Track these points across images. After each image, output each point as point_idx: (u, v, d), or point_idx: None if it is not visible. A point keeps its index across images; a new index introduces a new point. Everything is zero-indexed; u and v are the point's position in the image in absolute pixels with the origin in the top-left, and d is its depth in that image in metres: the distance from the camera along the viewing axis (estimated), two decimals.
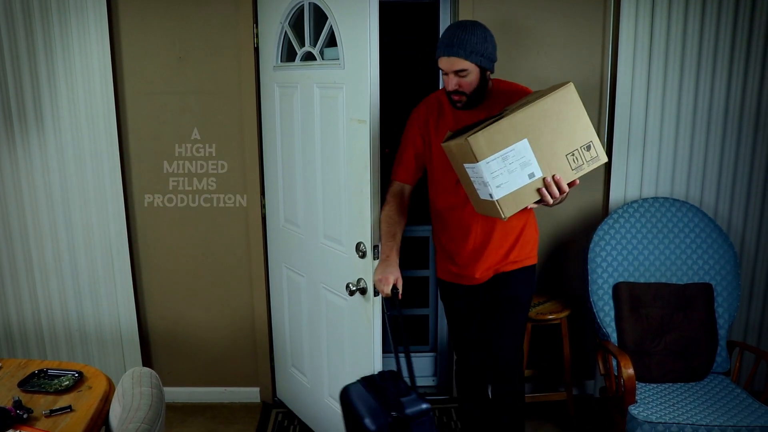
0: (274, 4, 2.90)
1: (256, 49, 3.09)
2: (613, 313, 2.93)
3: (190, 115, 3.18)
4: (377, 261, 2.46)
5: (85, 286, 3.28)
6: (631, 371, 2.59)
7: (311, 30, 2.74)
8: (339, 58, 2.52)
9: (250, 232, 3.30)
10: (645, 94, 3.10)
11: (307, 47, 2.77)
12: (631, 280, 2.98)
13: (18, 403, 1.96)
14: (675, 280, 2.97)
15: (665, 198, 3.08)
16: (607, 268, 2.97)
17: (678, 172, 3.18)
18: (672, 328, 2.89)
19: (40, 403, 2.04)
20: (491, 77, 2.38)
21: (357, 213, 2.55)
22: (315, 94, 2.71)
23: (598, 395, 3.36)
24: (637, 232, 3.02)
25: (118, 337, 3.33)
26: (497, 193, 2.02)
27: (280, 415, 3.39)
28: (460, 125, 2.34)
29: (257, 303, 3.37)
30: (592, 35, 3.11)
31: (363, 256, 2.54)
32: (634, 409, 2.58)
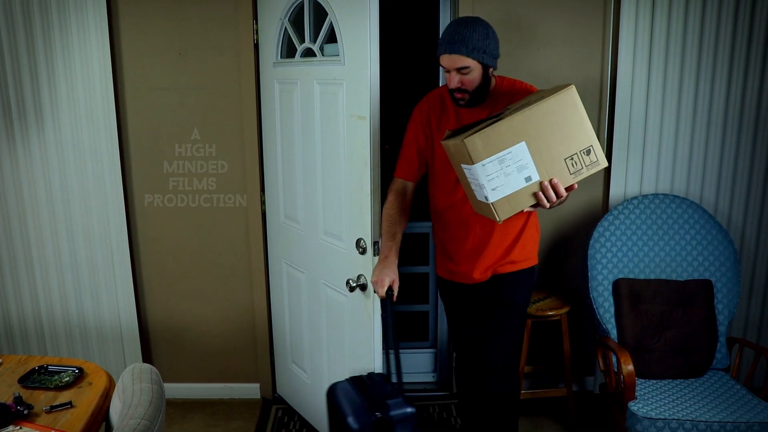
0: (274, 1, 2.89)
1: (256, 46, 3.08)
2: (613, 309, 2.93)
3: (190, 111, 3.17)
4: (377, 257, 2.46)
5: (85, 282, 3.28)
6: (630, 367, 2.59)
7: (311, 26, 2.73)
8: (339, 54, 2.52)
9: (250, 229, 3.30)
10: (645, 90, 3.09)
11: (307, 43, 2.76)
12: (631, 276, 2.98)
13: (18, 399, 1.96)
14: (675, 277, 2.97)
15: (665, 194, 3.08)
16: (607, 265, 2.97)
17: (678, 168, 3.18)
18: (672, 324, 2.89)
19: (41, 399, 2.04)
20: (494, 74, 2.35)
21: (357, 209, 2.54)
22: (315, 91, 2.71)
23: (597, 391, 3.37)
24: (637, 229, 3.02)
25: (118, 333, 3.34)
26: (493, 196, 1.99)
27: (280, 411, 3.39)
28: (462, 123, 2.31)
29: (257, 299, 3.37)
30: (592, 30, 3.10)
31: (363, 252, 2.54)
32: (633, 406, 2.58)
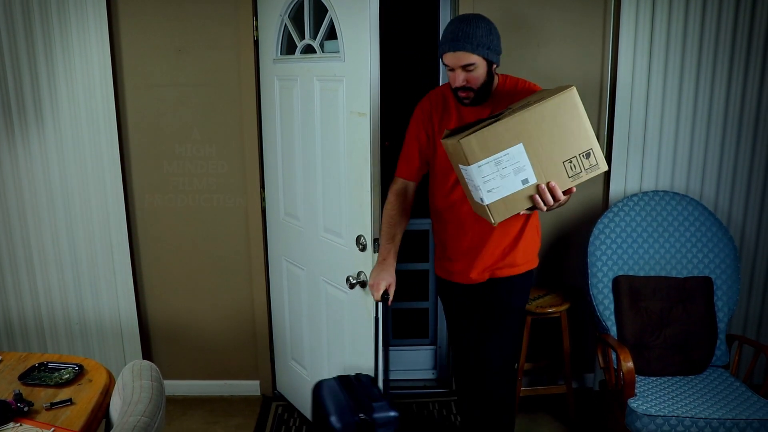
0: None
1: (256, 42, 3.08)
2: (612, 306, 2.93)
3: (190, 108, 3.17)
4: (377, 254, 2.46)
5: (85, 279, 3.28)
6: (630, 364, 2.59)
7: (311, 22, 2.73)
8: (339, 50, 2.51)
9: (250, 225, 3.29)
10: (646, 87, 3.09)
11: (307, 40, 2.76)
12: (631, 273, 2.98)
13: (18, 396, 1.97)
14: (675, 274, 2.98)
15: (665, 191, 3.08)
16: (606, 262, 2.97)
17: (678, 165, 3.18)
18: (671, 321, 2.90)
19: (41, 396, 2.04)
20: (497, 72, 2.32)
21: (357, 206, 2.54)
22: (315, 87, 2.70)
23: (597, 388, 3.37)
24: (637, 226, 3.02)
25: (118, 330, 3.34)
26: (488, 198, 1.97)
27: (280, 408, 3.40)
28: (464, 122, 2.29)
29: (257, 296, 3.37)
30: (592, 27, 3.10)
31: (363, 249, 2.54)
32: (633, 402, 2.58)
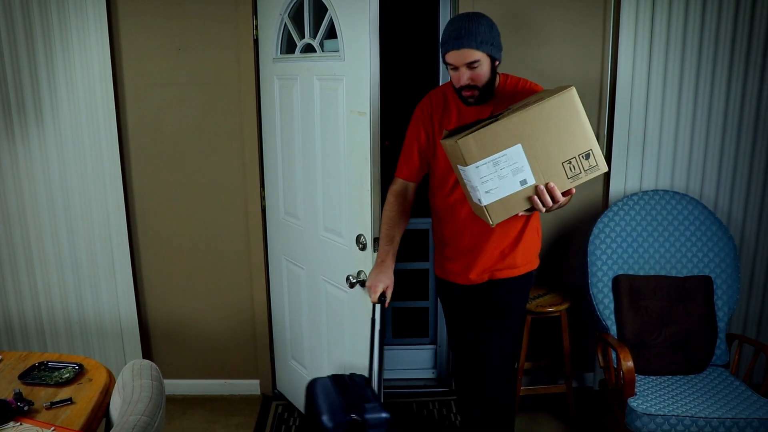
0: None
1: (256, 41, 3.08)
2: (612, 305, 2.93)
3: (190, 107, 3.17)
4: (377, 254, 2.46)
5: (85, 278, 3.28)
6: (630, 364, 2.59)
7: (311, 22, 2.72)
8: (339, 49, 2.51)
9: (250, 225, 3.29)
10: (646, 86, 3.09)
11: (306, 39, 2.76)
12: (631, 272, 2.98)
13: (18, 396, 1.96)
14: (675, 273, 2.98)
15: (665, 191, 3.08)
16: (606, 261, 2.97)
17: (678, 164, 3.17)
18: (671, 320, 2.90)
19: (41, 395, 2.04)
20: (498, 71, 2.30)
21: (357, 205, 2.54)
22: (315, 86, 2.70)
23: (597, 388, 3.37)
24: (637, 225, 3.02)
25: (118, 329, 3.34)
26: (486, 199, 1.96)
27: (280, 407, 3.40)
28: (464, 122, 2.27)
29: (257, 295, 3.37)
30: (592, 27, 3.09)
31: (363, 248, 2.53)
32: (633, 402, 2.58)
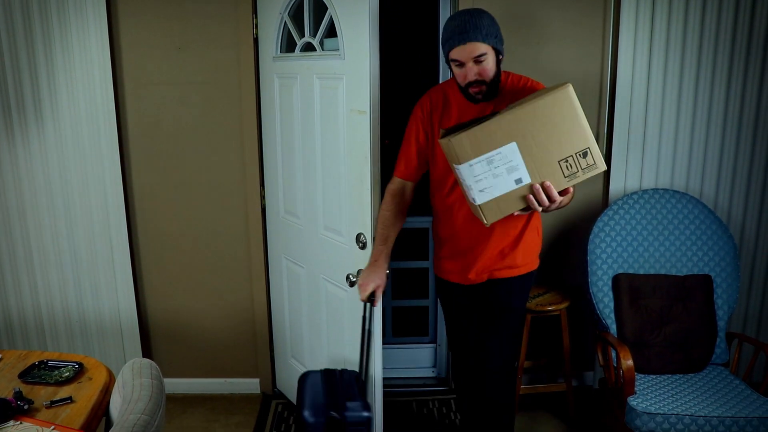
0: None
1: (256, 40, 3.07)
2: (612, 304, 2.93)
3: (189, 106, 3.16)
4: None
5: (85, 277, 3.28)
6: (630, 362, 2.59)
7: (311, 20, 2.72)
8: (339, 48, 2.51)
9: (250, 224, 3.29)
10: (646, 85, 3.09)
11: (306, 38, 2.76)
12: (631, 271, 2.98)
13: (18, 394, 1.96)
14: (675, 272, 2.98)
15: (665, 189, 3.08)
16: (606, 260, 2.97)
17: (678, 163, 3.17)
18: (671, 319, 2.90)
19: (41, 394, 2.04)
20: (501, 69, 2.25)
21: (357, 204, 2.54)
22: (315, 85, 2.70)
23: (597, 386, 3.37)
24: (636, 224, 3.02)
25: (118, 328, 3.34)
26: (480, 198, 1.94)
27: (280, 406, 3.40)
28: (465, 119, 2.24)
29: (257, 294, 3.37)
30: (592, 25, 3.09)
31: (363, 247, 2.53)
32: (633, 401, 2.58)
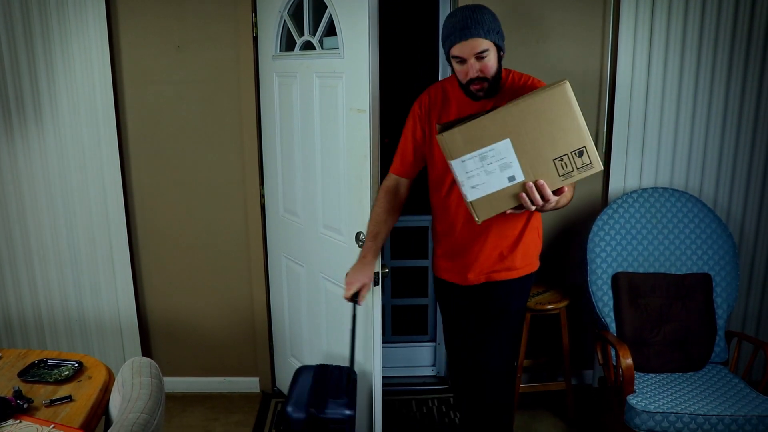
0: None
1: (255, 39, 3.07)
2: (612, 303, 2.93)
3: (189, 105, 3.16)
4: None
5: (84, 276, 3.28)
6: (629, 361, 2.60)
7: (310, 19, 2.72)
8: (338, 47, 2.51)
9: (249, 222, 3.29)
10: (645, 84, 3.09)
11: (306, 36, 2.75)
12: (630, 270, 2.98)
13: (18, 393, 1.96)
14: (674, 270, 2.98)
15: (664, 188, 3.08)
16: (606, 258, 2.97)
17: (677, 162, 3.17)
18: (671, 318, 2.90)
19: (40, 393, 2.04)
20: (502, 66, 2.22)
21: (356, 203, 2.54)
22: (314, 84, 2.70)
23: (596, 385, 3.37)
24: (636, 222, 3.02)
25: (118, 327, 3.34)
26: (471, 195, 1.92)
27: (280, 404, 3.39)
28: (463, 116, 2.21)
29: (256, 293, 3.37)
30: (592, 23, 3.09)
31: (363, 245, 2.53)
32: (632, 399, 2.58)
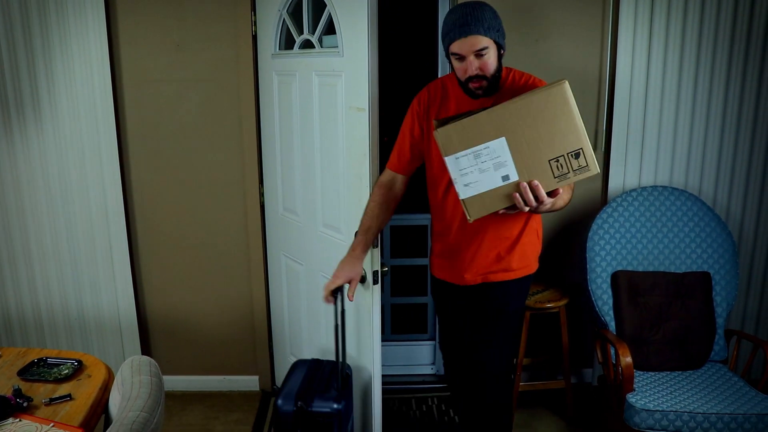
0: None
1: (254, 37, 3.07)
2: (611, 301, 2.93)
3: (188, 103, 3.16)
4: (377, 249, 2.46)
5: (84, 274, 3.28)
6: (629, 359, 2.60)
7: (310, 17, 2.72)
8: (338, 45, 2.51)
9: (249, 221, 3.29)
10: (645, 82, 3.08)
11: (305, 35, 2.75)
12: (630, 268, 2.98)
13: (18, 392, 1.96)
14: (673, 269, 2.98)
15: (664, 186, 3.08)
16: (605, 257, 2.98)
17: (677, 160, 3.17)
18: (670, 316, 2.90)
19: (40, 391, 2.05)
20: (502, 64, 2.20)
21: (356, 201, 2.54)
22: (314, 82, 2.70)
23: (596, 383, 3.38)
24: (635, 221, 3.02)
25: (117, 325, 3.34)
26: (464, 193, 1.90)
27: None
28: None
29: (256, 291, 3.37)
30: (591, 21, 3.09)
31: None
32: (631, 397, 2.59)
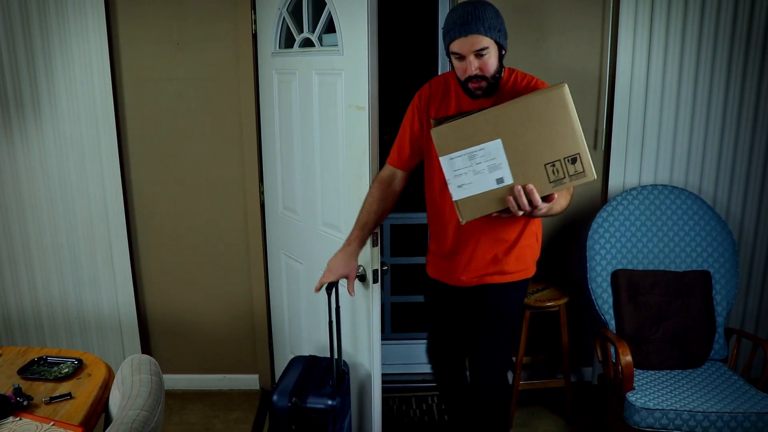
0: None
1: (254, 36, 3.07)
2: (611, 300, 2.94)
3: (188, 102, 3.16)
4: (376, 248, 2.45)
5: (84, 273, 3.28)
6: (629, 358, 2.60)
7: (310, 16, 2.71)
8: (338, 44, 2.50)
9: (249, 220, 3.29)
10: (645, 81, 3.08)
11: (305, 33, 2.75)
12: (630, 267, 2.98)
13: (18, 391, 1.96)
14: (673, 268, 2.98)
15: (664, 185, 3.08)
16: (605, 256, 2.98)
17: (677, 159, 3.17)
18: (670, 315, 2.90)
19: (40, 390, 2.05)
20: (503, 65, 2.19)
21: (356, 200, 2.53)
22: (314, 81, 2.69)
23: (596, 382, 3.38)
24: (635, 220, 3.02)
25: (117, 324, 3.34)
26: (457, 194, 1.88)
27: None
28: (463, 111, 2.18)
29: (256, 290, 3.37)
30: (591, 20, 3.09)
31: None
32: (631, 396, 2.59)
